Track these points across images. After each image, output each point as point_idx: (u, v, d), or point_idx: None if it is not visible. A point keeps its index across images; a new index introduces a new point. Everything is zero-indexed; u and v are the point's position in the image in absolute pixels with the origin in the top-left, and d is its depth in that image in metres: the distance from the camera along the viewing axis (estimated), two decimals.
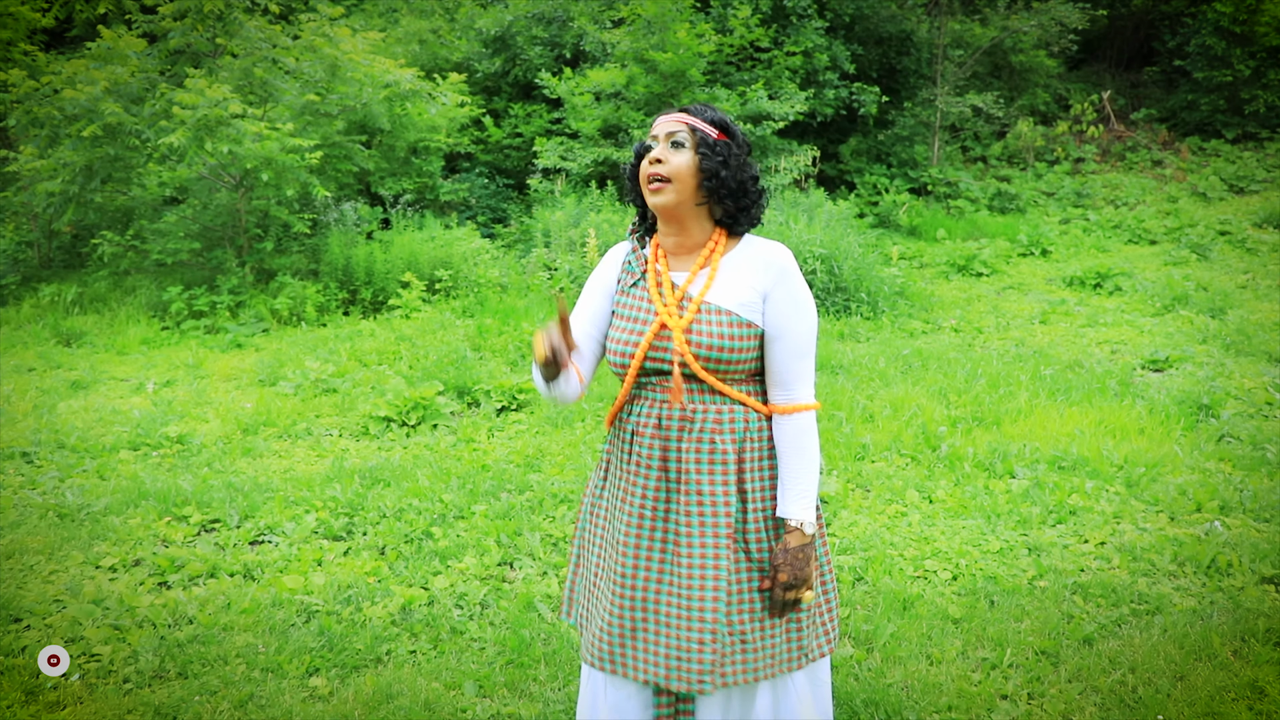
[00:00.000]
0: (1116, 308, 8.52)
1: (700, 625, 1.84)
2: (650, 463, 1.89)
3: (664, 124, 1.90)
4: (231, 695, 2.67)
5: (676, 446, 1.88)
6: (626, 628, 1.90)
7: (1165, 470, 4.48)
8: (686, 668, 1.84)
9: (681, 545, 1.87)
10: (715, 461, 1.86)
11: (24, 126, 8.40)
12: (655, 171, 1.85)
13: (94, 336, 7.81)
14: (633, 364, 1.89)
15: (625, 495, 1.93)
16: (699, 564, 1.85)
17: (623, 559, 1.91)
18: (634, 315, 1.92)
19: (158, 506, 4.10)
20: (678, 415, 1.88)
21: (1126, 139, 14.95)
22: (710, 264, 1.89)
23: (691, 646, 1.84)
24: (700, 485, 1.87)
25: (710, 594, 1.84)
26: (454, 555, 3.61)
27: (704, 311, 1.86)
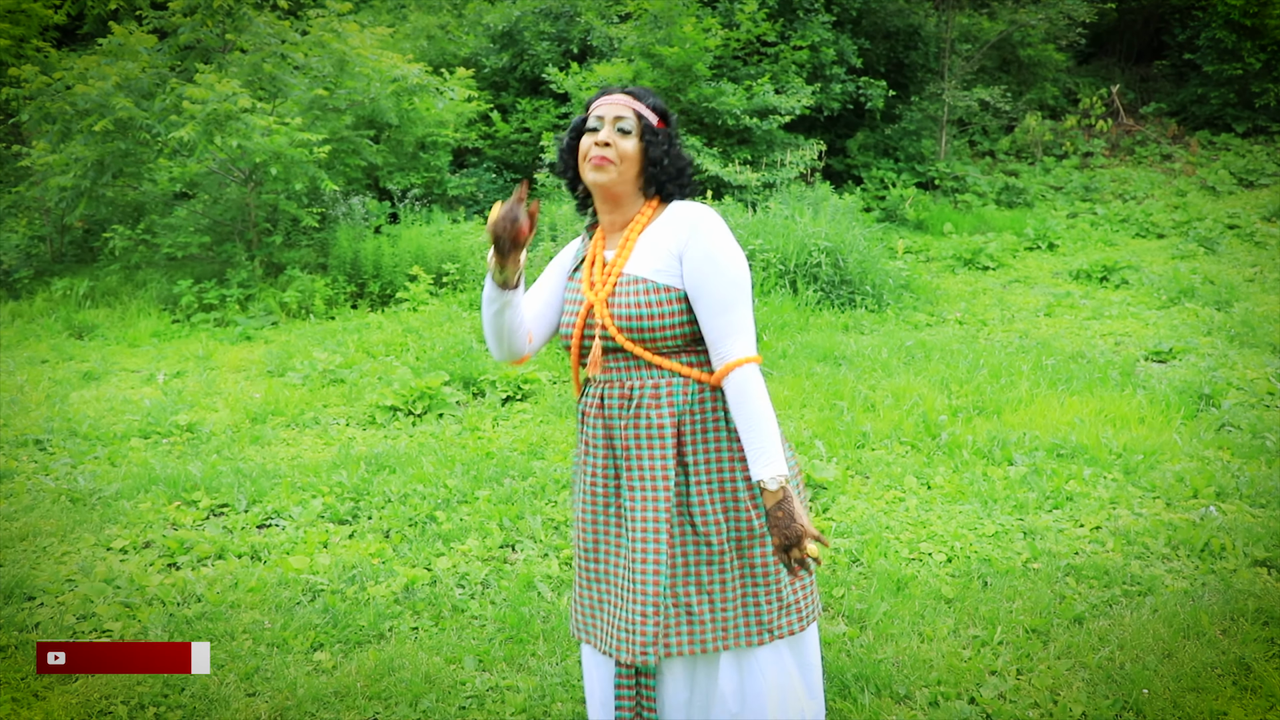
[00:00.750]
0: (1122, 301, 8.52)
1: (643, 598, 1.87)
2: (597, 442, 1.96)
3: (610, 106, 1.92)
4: (238, 668, 2.74)
5: (619, 424, 1.92)
6: (594, 601, 2.00)
7: (1164, 458, 4.50)
8: (631, 639, 1.88)
9: (626, 521, 1.93)
10: (653, 436, 1.89)
11: (36, 122, 8.52)
12: (602, 154, 1.88)
13: (105, 329, 7.91)
14: (572, 344, 1.97)
15: (582, 475, 2.01)
16: (640, 538, 1.89)
17: (583, 535, 2.01)
18: (573, 299, 2.01)
19: (167, 491, 4.18)
20: (618, 394, 1.92)
21: (1135, 133, 14.92)
22: (629, 238, 1.94)
23: (635, 619, 1.88)
24: (640, 461, 1.90)
25: (651, 567, 1.88)
26: (457, 538, 3.67)
27: (622, 281, 1.90)
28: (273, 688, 2.64)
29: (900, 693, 2.57)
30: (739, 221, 8.78)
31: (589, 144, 1.91)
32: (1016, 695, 2.57)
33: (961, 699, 2.55)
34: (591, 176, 1.90)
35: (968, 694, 2.57)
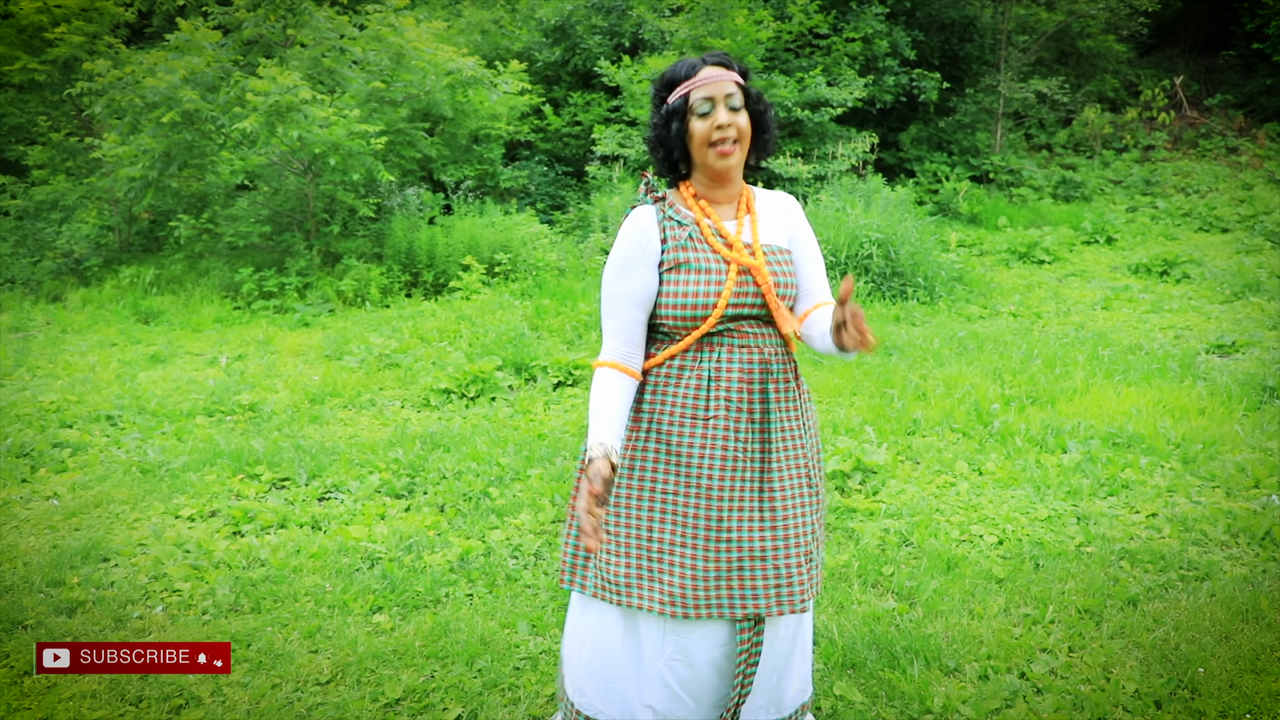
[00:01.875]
0: (1183, 294, 8.34)
1: (796, 551, 1.96)
2: (740, 407, 1.92)
3: (716, 86, 1.88)
4: (301, 627, 2.84)
5: (762, 389, 1.94)
6: (722, 571, 1.93)
7: (1224, 448, 4.42)
8: (789, 592, 1.94)
9: (776, 483, 1.95)
10: (790, 400, 1.98)
11: (107, 115, 8.80)
12: (727, 136, 1.88)
13: (170, 315, 8.16)
14: (715, 312, 1.90)
15: (708, 444, 1.92)
16: (794, 499, 1.97)
17: (712, 504, 1.92)
18: (703, 267, 1.92)
19: (232, 465, 4.32)
20: (758, 359, 1.93)
21: (1200, 125, 14.55)
22: (751, 210, 1.99)
23: (793, 572, 1.94)
24: (785, 423, 1.97)
25: (805, 523, 1.98)
26: (510, 512, 3.75)
27: (769, 253, 1.97)
28: (334, 645, 2.74)
29: (950, 665, 2.58)
30: None
31: (708, 129, 1.88)
32: (1068, 671, 2.56)
33: (1012, 673, 2.55)
34: (721, 164, 1.90)
35: (1018, 669, 2.57)
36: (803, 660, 2.14)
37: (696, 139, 1.90)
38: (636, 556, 1.98)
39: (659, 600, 1.94)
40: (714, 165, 1.91)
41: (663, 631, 2.00)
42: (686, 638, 1.99)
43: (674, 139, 1.93)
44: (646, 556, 1.97)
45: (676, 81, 1.93)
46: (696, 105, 1.89)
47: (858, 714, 2.35)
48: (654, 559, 1.96)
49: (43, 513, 3.85)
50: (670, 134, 1.93)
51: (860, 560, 3.24)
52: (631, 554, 1.98)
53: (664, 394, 1.96)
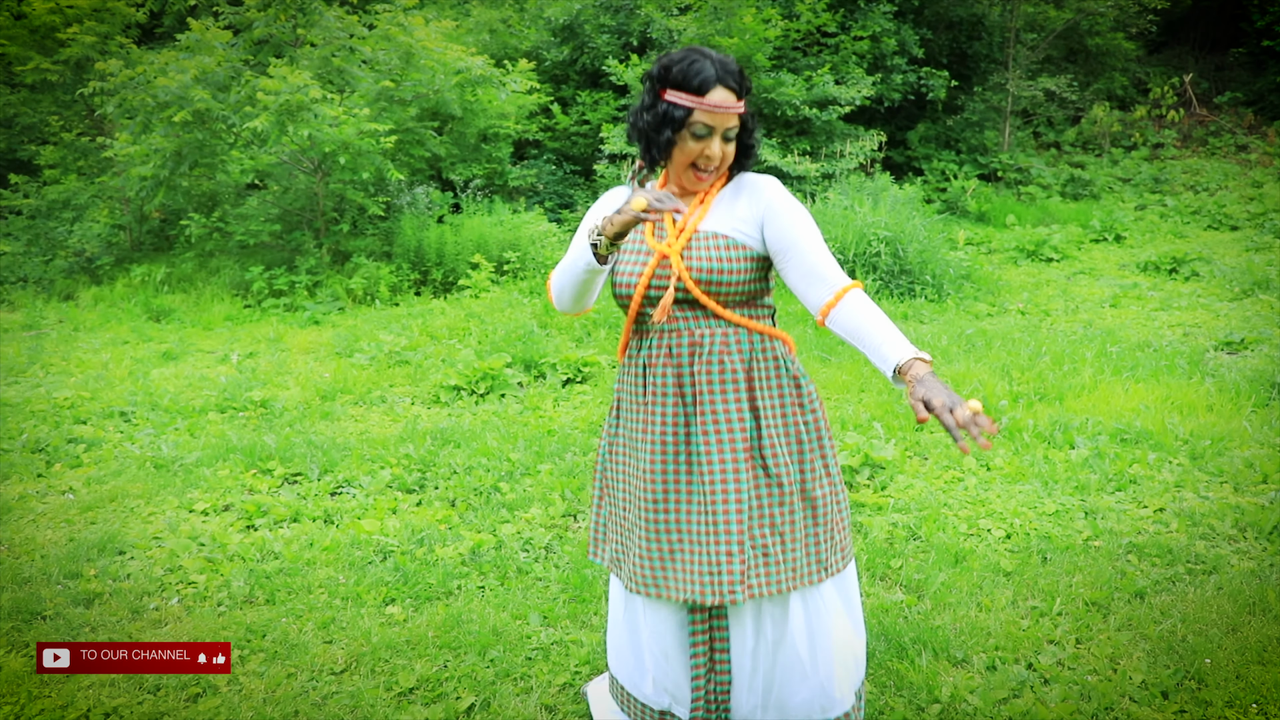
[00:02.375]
0: (1192, 292, 8.33)
1: (726, 539, 1.94)
2: (666, 390, 1.98)
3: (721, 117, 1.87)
4: (315, 618, 2.87)
5: (690, 371, 1.96)
6: (665, 552, 1.99)
7: (1232, 444, 4.42)
8: (717, 581, 1.94)
9: (703, 465, 1.96)
10: (726, 382, 1.96)
11: (119, 115, 8.87)
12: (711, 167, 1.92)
13: (182, 313, 8.22)
14: (636, 294, 1.98)
15: (645, 426, 2.01)
16: (719, 481, 1.95)
17: (650, 487, 1.99)
18: (636, 249, 2.02)
19: (244, 460, 4.36)
20: (687, 343, 1.96)
21: (1209, 123, 14.52)
22: (705, 200, 2.00)
23: (720, 560, 1.94)
24: (714, 406, 1.96)
25: (734, 508, 1.94)
26: (520, 506, 3.78)
27: (698, 237, 1.95)
28: (348, 636, 2.77)
29: (957, 656, 2.60)
30: None
31: (696, 152, 1.90)
32: (1075, 663, 2.58)
33: (1019, 664, 2.57)
34: (694, 186, 1.97)
35: (1025, 660, 2.59)
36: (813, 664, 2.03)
37: (681, 156, 1.92)
38: (615, 530, 2.13)
39: (629, 576, 2.06)
40: (685, 184, 1.98)
41: (646, 604, 2.09)
42: (657, 614, 2.07)
43: (661, 145, 1.92)
44: (623, 529, 2.10)
45: (685, 84, 1.86)
46: (695, 127, 1.88)
47: (867, 704, 2.37)
48: (625, 532, 2.09)
49: (59, 507, 3.90)
50: (659, 140, 1.92)
51: (868, 554, 3.26)
52: (613, 528, 2.14)
53: (622, 379, 2.11)
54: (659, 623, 2.08)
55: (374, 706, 2.42)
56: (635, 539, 2.04)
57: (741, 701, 2.07)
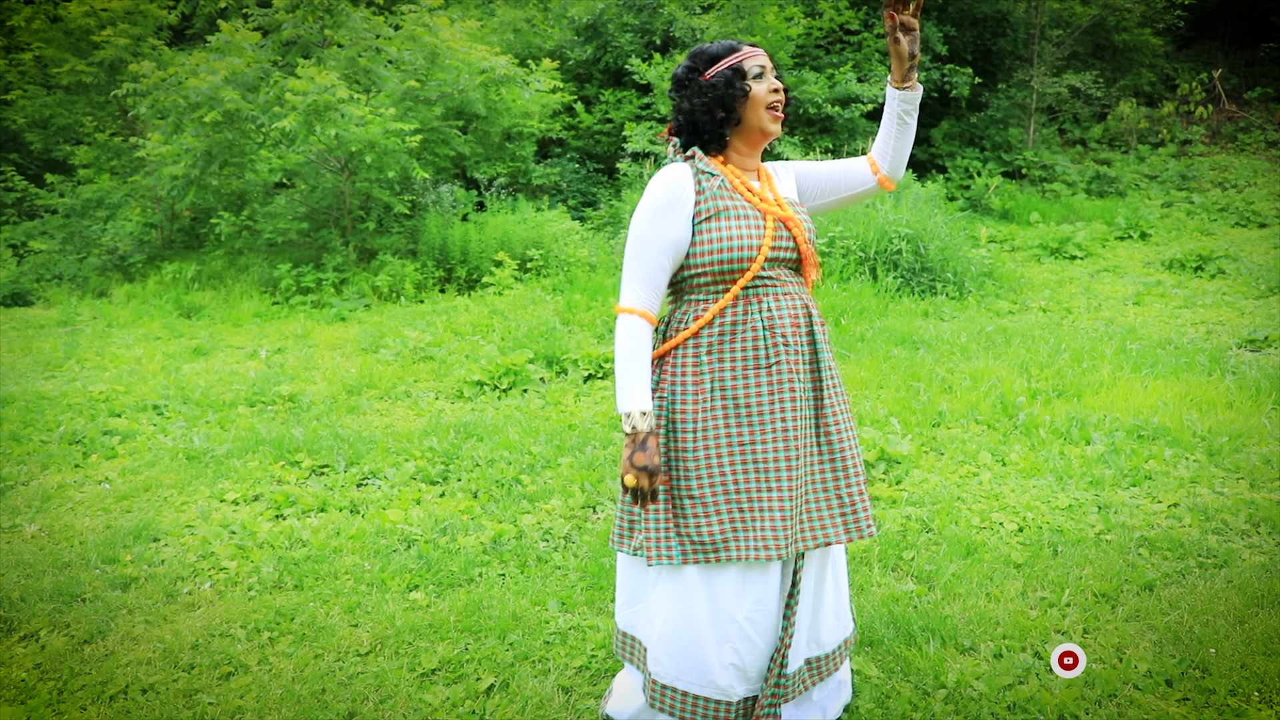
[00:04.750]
0: (1217, 290, 8.28)
1: (858, 481, 2.12)
2: (799, 352, 2.06)
3: (764, 58, 2.07)
4: (342, 603, 2.97)
5: (809, 333, 2.09)
6: (799, 508, 2.07)
7: (1250, 441, 4.43)
8: (855, 519, 2.10)
9: (831, 420, 2.10)
10: (827, 345, 2.13)
11: (151, 116, 9.06)
12: (780, 100, 2.05)
13: (212, 310, 8.39)
14: (759, 256, 2.00)
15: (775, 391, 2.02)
16: (845, 430, 2.13)
17: (789, 448, 2.03)
18: (742, 214, 2.01)
19: (273, 452, 4.48)
20: (800, 305, 2.08)
21: (1238, 119, 14.36)
22: (767, 176, 2.17)
23: (856, 501, 2.11)
24: (831, 364, 2.13)
25: (858, 455, 2.14)
26: (541, 498, 3.87)
27: (794, 206, 2.13)
28: (373, 619, 2.87)
29: (965, 644, 2.65)
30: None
31: (764, 90, 2.02)
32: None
33: (1026, 652, 2.62)
34: (774, 126, 2.06)
35: (1033, 648, 2.64)
36: (836, 596, 2.24)
37: (756, 100, 2.02)
38: (727, 512, 2.02)
39: (753, 548, 2.00)
40: (768, 126, 2.05)
41: (742, 583, 2.05)
42: (764, 585, 2.06)
43: (730, 102, 2.01)
44: (737, 509, 2.02)
45: (719, 55, 2.04)
46: (752, 70, 2.03)
47: (874, 688, 2.43)
48: (745, 510, 2.02)
49: (95, 496, 4.03)
50: (725, 97, 2.00)
51: (881, 545, 3.31)
52: (722, 511, 2.02)
53: (723, 350, 2.03)
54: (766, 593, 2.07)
55: (397, 686, 2.52)
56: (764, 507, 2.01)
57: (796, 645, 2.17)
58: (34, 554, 3.41)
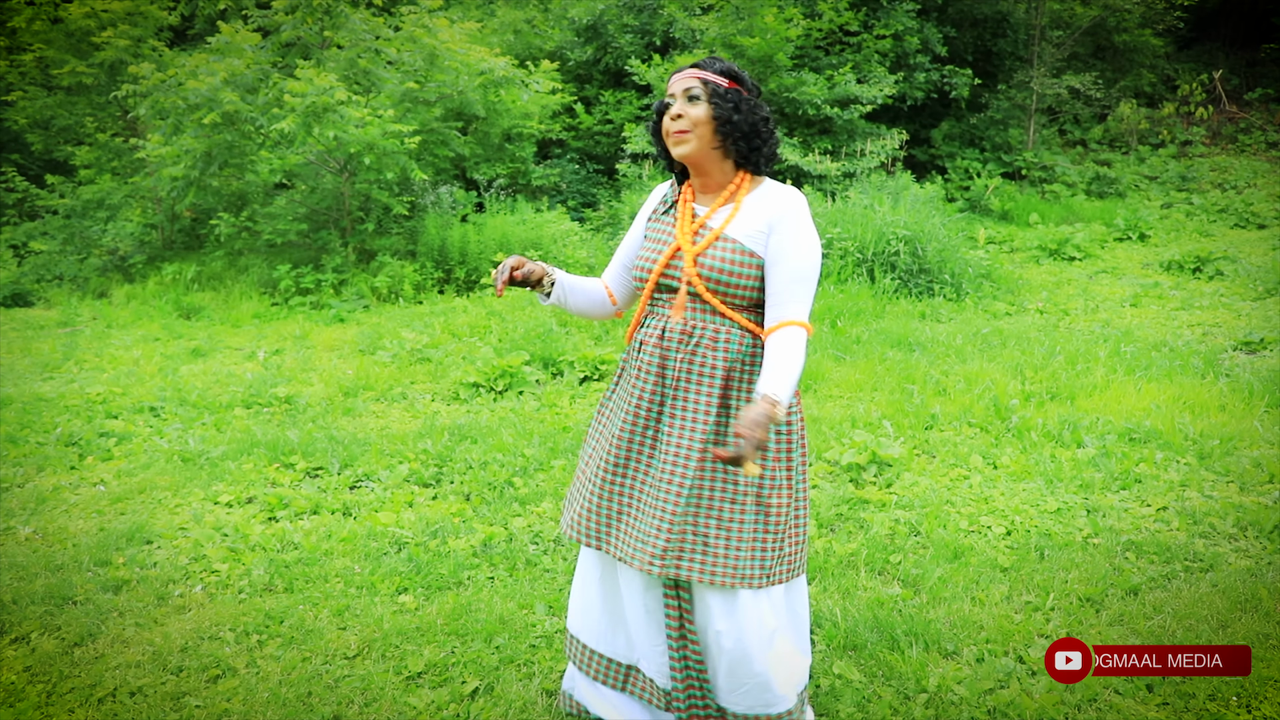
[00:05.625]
0: (1214, 292, 8.28)
1: (661, 514, 2.06)
2: (650, 370, 2.11)
3: (679, 81, 2.09)
4: (331, 605, 3.00)
5: (674, 358, 2.09)
6: (613, 512, 2.16)
7: (1241, 444, 4.44)
8: (644, 549, 2.07)
9: (661, 444, 2.10)
10: (704, 375, 2.07)
11: (151, 116, 9.09)
12: (678, 127, 2.06)
13: (211, 311, 8.42)
14: (649, 280, 2.14)
15: (627, 397, 2.17)
16: (671, 462, 2.07)
17: (615, 450, 2.15)
18: (657, 239, 2.17)
19: (268, 454, 4.50)
20: (679, 330, 2.09)
21: (1239, 120, 14.35)
22: (734, 200, 2.11)
23: (650, 532, 2.07)
24: (688, 393, 2.08)
25: (675, 488, 2.05)
26: (533, 501, 3.89)
27: (719, 240, 2.07)
28: (361, 623, 2.89)
29: (948, 649, 2.67)
30: (818, 211, 8.82)
31: (667, 123, 2.09)
32: None
33: (1009, 656, 2.63)
34: (675, 151, 2.08)
35: (1015, 652, 2.66)
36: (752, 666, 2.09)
37: (663, 134, 2.11)
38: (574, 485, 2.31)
39: (567, 523, 2.25)
40: (673, 152, 2.10)
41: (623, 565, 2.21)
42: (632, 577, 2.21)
43: (655, 136, 2.16)
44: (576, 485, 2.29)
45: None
46: (666, 104, 2.11)
47: (855, 692, 2.45)
48: (576, 488, 2.27)
49: (90, 498, 4.06)
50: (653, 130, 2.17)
51: (869, 549, 3.33)
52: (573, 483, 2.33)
53: (625, 357, 2.26)
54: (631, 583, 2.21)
55: (383, 689, 2.54)
56: (588, 492, 2.20)
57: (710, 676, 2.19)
58: (27, 556, 3.44)
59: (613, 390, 2.27)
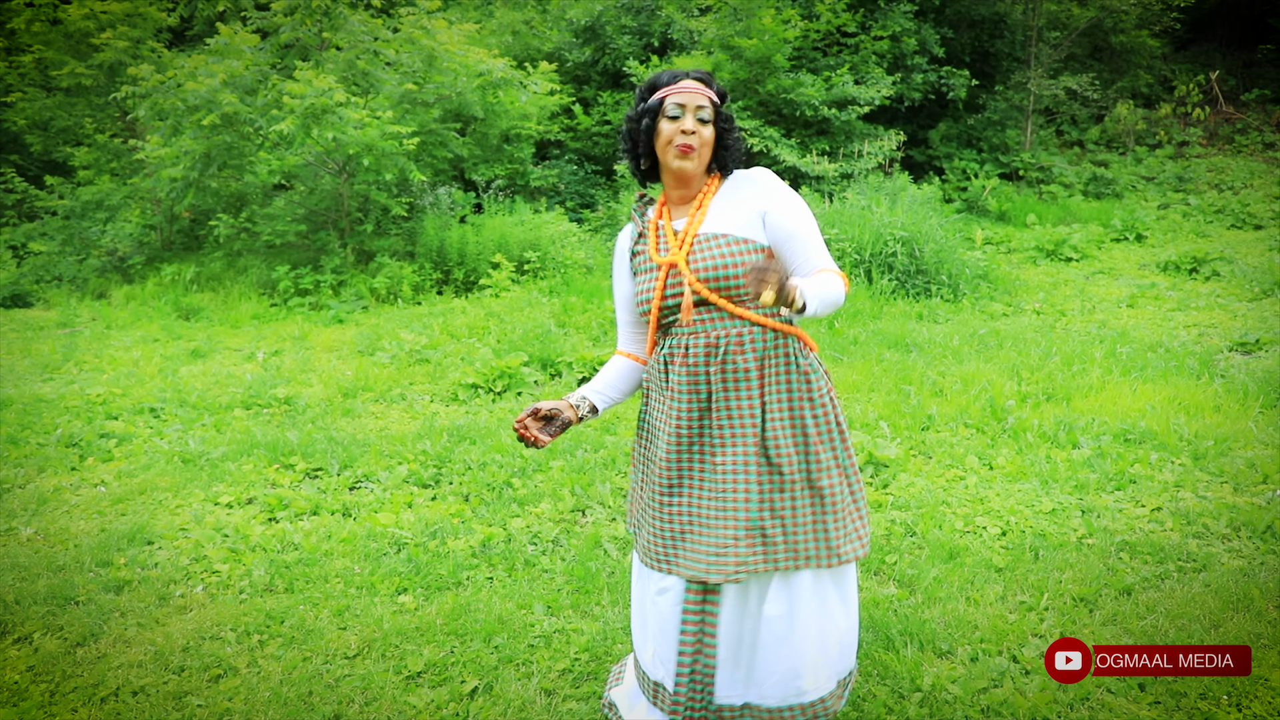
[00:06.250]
0: (1211, 292, 8.31)
1: (734, 524, 2.07)
2: (682, 388, 2.11)
3: (690, 95, 2.08)
4: (331, 606, 3.02)
5: (705, 371, 2.09)
6: (676, 533, 2.14)
7: (1236, 445, 4.46)
8: (722, 562, 2.07)
9: (715, 457, 2.10)
10: (740, 380, 2.08)
11: (150, 118, 9.12)
12: (688, 142, 2.06)
13: (210, 312, 8.44)
14: (654, 306, 2.13)
15: (664, 419, 2.16)
16: (729, 473, 2.08)
17: (666, 472, 2.14)
18: (646, 269, 2.18)
19: (268, 455, 4.53)
20: (703, 343, 2.09)
21: (1236, 121, 14.38)
22: (701, 205, 2.13)
23: (727, 543, 2.07)
24: (728, 403, 2.09)
25: (741, 498, 2.07)
26: (531, 501, 3.91)
27: (700, 241, 2.08)
28: (361, 623, 2.91)
29: (943, 648, 2.69)
30: (815, 212, 8.84)
31: (673, 131, 2.06)
32: None
33: (1003, 656, 2.66)
34: (678, 164, 2.08)
35: (1010, 652, 2.68)
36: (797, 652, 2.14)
37: (662, 138, 2.09)
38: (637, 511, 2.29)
39: (643, 549, 2.22)
40: (672, 164, 2.09)
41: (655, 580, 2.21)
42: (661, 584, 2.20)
43: (642, 134, 2.12)
44: (641, 506, 2.26)
45: (658, 86, 2.12)
46: (669, 108, 2.08)
47: (850, 691, 2.47)
48: (643, 512, 2.24)
49: (91, 499, 4.08)
50: (640, 129, 2.13)
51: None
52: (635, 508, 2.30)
53: (649, 371, 2.24)
54: (660, 599, 2.20)
55: (383, 688, 2.56)
56: (650, 517, 2.19)
57: (724, 680, 2.18)
58: (29, 557, 3.46)
59: (645, 407, 2.26)
